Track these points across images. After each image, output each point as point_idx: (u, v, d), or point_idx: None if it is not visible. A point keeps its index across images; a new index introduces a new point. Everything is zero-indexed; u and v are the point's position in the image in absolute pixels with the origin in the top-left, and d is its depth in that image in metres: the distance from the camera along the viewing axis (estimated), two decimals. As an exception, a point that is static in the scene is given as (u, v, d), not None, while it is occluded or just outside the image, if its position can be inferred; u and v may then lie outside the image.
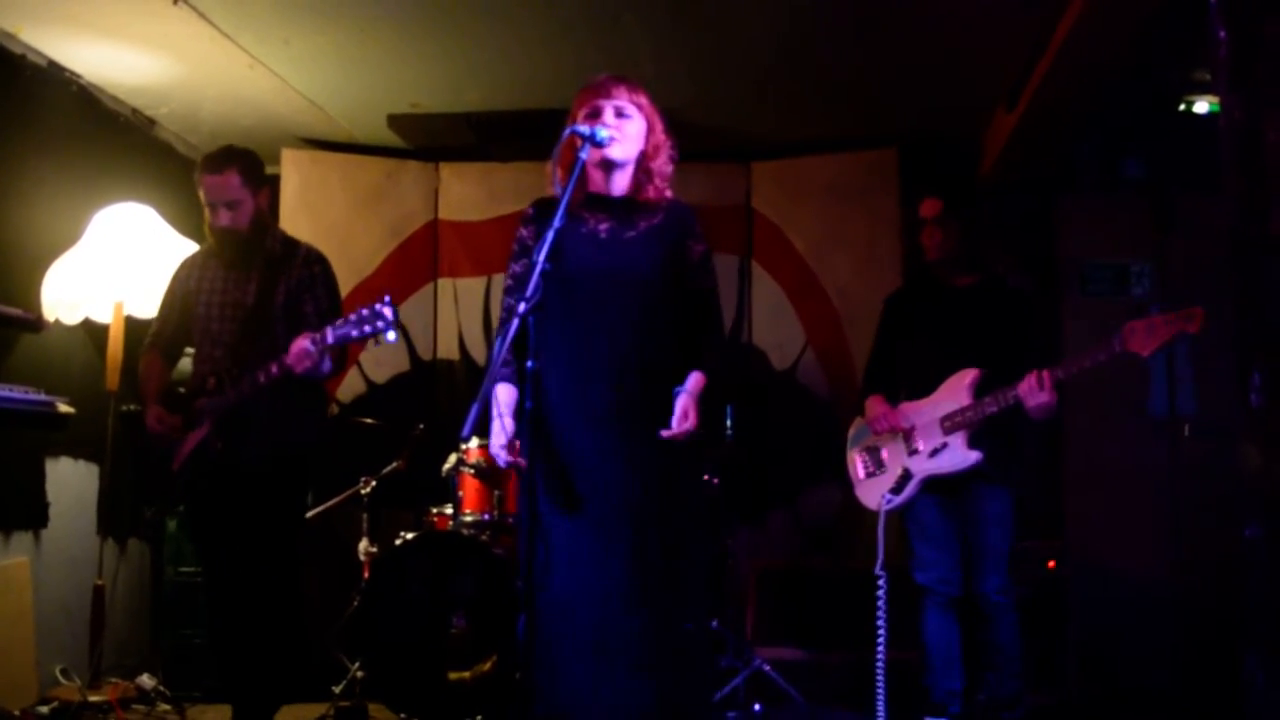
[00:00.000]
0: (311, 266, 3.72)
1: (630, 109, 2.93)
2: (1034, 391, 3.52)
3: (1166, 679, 4.64)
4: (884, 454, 3.89)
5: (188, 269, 3.83)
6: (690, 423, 2.79)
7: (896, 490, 3.78)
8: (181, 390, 3.71)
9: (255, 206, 3.70)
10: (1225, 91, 1.82)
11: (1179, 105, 4.64)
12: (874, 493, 3.86)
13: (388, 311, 3.17)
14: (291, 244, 3.80)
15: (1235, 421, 1.73)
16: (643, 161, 2.97)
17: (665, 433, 2.79)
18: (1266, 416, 1.68)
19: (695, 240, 2.98)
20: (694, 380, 2.86)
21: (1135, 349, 3.33)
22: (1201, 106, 4.60)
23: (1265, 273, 1.71)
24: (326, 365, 3.50)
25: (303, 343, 3.32)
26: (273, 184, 5.48)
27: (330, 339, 3.27)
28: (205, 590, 3.79)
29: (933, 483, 3.77)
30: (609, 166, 2.94)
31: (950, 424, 3.71)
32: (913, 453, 3.80)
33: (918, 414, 3.81)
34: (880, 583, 3.56)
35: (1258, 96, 1.77)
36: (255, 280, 3.67)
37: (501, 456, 2.85)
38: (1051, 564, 4.60)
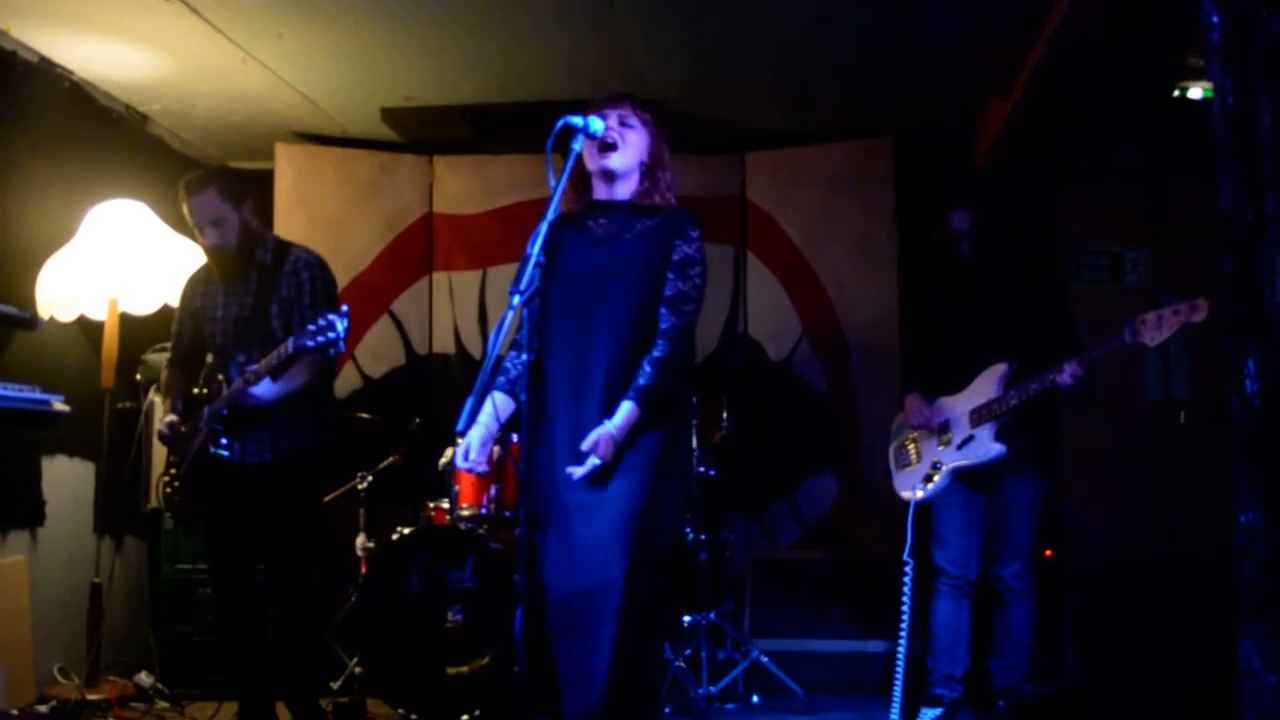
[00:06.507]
0: (299, 274, 3.76)
1: (634, 120, 3.00)
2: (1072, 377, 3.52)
3: (1165, 664, 4.65)
4: (918, 447, 3.95)
5: (191, 288, 3.93)
6: (601, 458, 2.80)
7: (927, 481, 3.84)
8: (195, 391, 3.83)
9: (240, 220, 3.75)
10: (1218, 76, 1.82)
11: (1173, 92, 4.64)
12: (906, 484, 3.93)
13: (339, 325, 3.23)
14: (283, 251, 3.83)
15: (1230, 407, 1.73)
16: (647, 171, 3.03)
17: (570, 469, 2.82)
18: (1261, 402, 1.68)
19: (683, 241, 3.00)
20: (623, 418, 2.83)
21: (1145, 341, 3.35)
22: (1196, 92, 4.59)
23: (1259, 257, 1.71)
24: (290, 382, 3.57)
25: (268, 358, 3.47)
26: (267, 179, 5.49)
27: (290, 349, 3.36)
28: (215, 589, 3.86)
29: (963, 474, 3.80)
30: (611, 177, 3.01)
31: (978, 416, 3.73)
32: (943, 445, 3.83)
33: (951, 408, 3.84)
34: (907, 569, 3.60)
35: (1251, 80, 1.76)
36: (252, 294, 3.75)
37: (460, 465, 2.98)
38: (1049, 552, 4.61)
